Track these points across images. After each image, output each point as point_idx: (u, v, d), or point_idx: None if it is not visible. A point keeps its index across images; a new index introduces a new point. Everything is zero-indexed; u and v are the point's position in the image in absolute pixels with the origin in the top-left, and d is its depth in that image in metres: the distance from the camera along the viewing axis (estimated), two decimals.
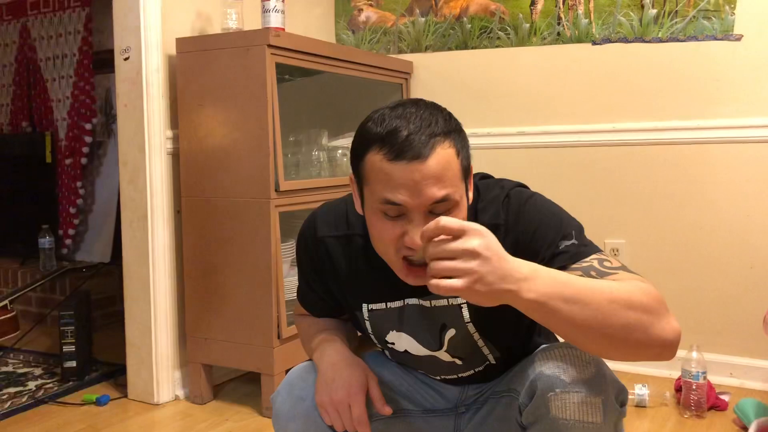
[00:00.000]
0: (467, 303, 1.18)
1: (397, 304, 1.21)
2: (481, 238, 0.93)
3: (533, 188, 1.24)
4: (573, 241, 1.10)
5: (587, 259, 1.08)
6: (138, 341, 2.28)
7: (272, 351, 2.11)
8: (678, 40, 2.36)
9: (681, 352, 2.24)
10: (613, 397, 1.09)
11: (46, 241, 3.36)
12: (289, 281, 2.22)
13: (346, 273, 1.13)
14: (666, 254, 2.43)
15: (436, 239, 0.95)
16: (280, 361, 2.14)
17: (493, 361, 1.27)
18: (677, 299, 2.41)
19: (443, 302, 1.19)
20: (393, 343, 1.27)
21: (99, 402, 2.25)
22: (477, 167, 2.69)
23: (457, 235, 0.93)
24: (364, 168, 1.07)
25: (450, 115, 1.09)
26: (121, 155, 2.27)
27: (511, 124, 2.66)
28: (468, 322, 1.19)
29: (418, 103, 1.08)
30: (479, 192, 1.18)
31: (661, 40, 2.39)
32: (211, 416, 2.15)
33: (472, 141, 2.68)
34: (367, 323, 1.26)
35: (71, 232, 3.51)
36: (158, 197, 2.24)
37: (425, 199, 1.02)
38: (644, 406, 2.14)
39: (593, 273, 1.04)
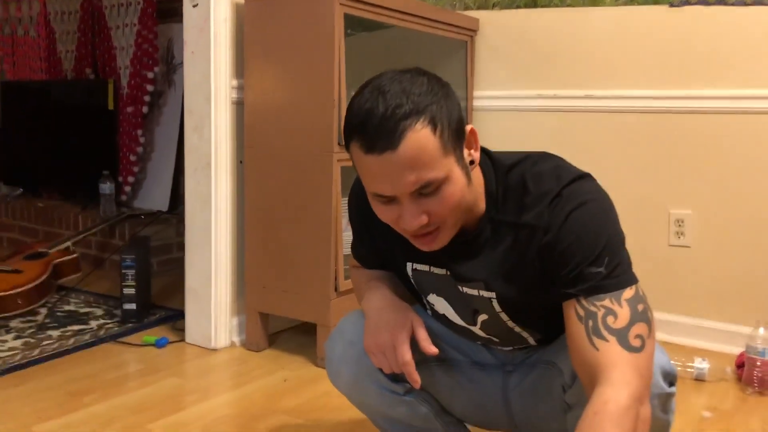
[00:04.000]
0: (497, 298, 1.16)
1: (440, 271, 1.20)
2: None
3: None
4: (600, 269, 1.02)
5: (598, 304, 1.02)
6: (197, 287, 2.32)
7: (329, 303, 2.13)
8: (763, 4, 2.25)
9: (746, 329, 2.19)
10: (660, 379, 1.08)
11: (106, 187, 3.43)
12: (347, 235, 2.22)
13: (392, 229, 1.11)
14: (734, 227, 2.35)
15: None
16: (337, 312, 2.15)
17: (534, 343, 1.26)
18: (743, 274, 2.34)
19: (474, 292, 1.18)
20: (434, 305, 1.28)
21: (158, 344, 2.31)
22: (542, 130, 2.65)
23: None
24: (351, 156, 1.04)
25: (429, 82, 1.02)
26: (187, 103, 2.28)
27: (578, 87, 2.59)
28: (499, 312, 1.18)
29: (397, 75, 1.02)
30: (532, 181, 1.09)
31: (745, 3, 2.28)
32: (267, 363, 2.19)
33: (536, 103, 2.66)
34: (412, 281, 1.26)
35: (131, 179, 3.57)
36: (222, 146, 2.25)
37: (405, 188, 0.99)
38: (703, 380, 2.10)
39: (590, 324, 1.01)
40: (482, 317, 1.22)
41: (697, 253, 2.42)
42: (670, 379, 1.11)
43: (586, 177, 1.10)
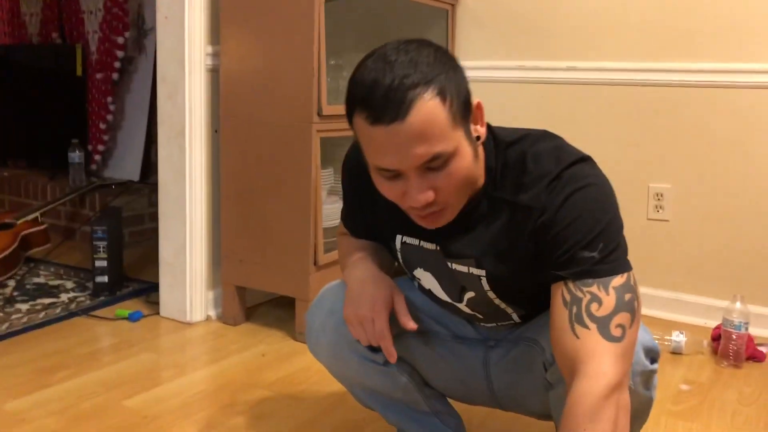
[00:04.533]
0: (486, 276, 1.13)
1: (430, 246, 1.18)
2: None
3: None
4: (593, 254, 1.00)
5: (585, 289, 1.00)
6: (172, 259, 2.26)
7: (308, 277, 2.09)
8: None
9: (723, 302, 2.21)
10: (642, 356, 1.08)
11: (75, 156, 3.34)
12: (328, 208, 2.18)
13: (384, 201, 1.08)
14: (713, 201, 2.36)
15: None
16: (316, 287, 2.12)
17: (518, 320, 1.25)
18: (721, 248, 2.35)
19: (464, 269, 1.15)
20: (420, 279, 1.26)
21: (131, 317, 2.26)
22: (523, 102, 2.62)
23: None
24: (354, 128, 1.01)
25: (437, 52, 0.98)
26: (160, 70, 2.20)
27: (560, 59, 2.55)
28: (488, 290, 1.16)
29: (403, 45, 0.98)
30: (532, 161, 1.06)
31: None
32: (244, 338, 2.15)
33: (518, 74, 2.63)
34: (399, 254, 1.24)
35: (101, 148, 3.47)
36: (197, 114, 2.18)
37: (413, 160, 0.95)
38: (680, 353, 2.12)
39: (574, 309, 0.99)
40: (469, 294, 1.20)
41: (675, 226, 2.43)
42: (653, 355, 1.12)
43: (587, 160, 1.06)
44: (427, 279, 1.24)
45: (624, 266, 1.02)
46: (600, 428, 0.92)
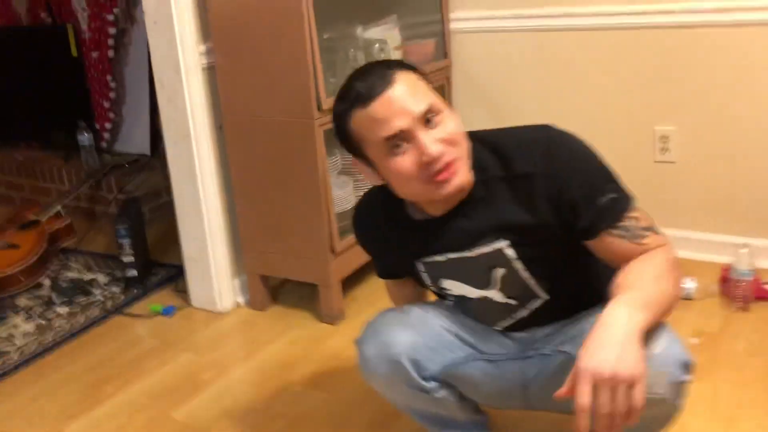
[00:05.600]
0: (511, 244, 1.24)
1: (443, 257, 1.30)
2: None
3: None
4: (612, 195, 1.17)
5: (623, 219, 1.17)
6: (195, 256, 2.35)
7: (327, 265, 2.18)
8: None
9: (731, 238, 2.30)
10: (675, 369, 1.13)
11: (85, 139, 3.38)
12: (338, 195, 2.23)
13: (396, 236, 1.30)
14: (718, 141, 2.36)
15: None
16: (336, 272, 2.21)
17: (546, 296, 1.32)
18: (727, 186, 2.38)
19: (487, 249, 1.26)
20: (449, 290, 1.35)
21: (165, 312, 2.38)
22: (523, 52, 2.60)
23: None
24: (355, 133, 1.18)
25: (411, 64, 1.20)
26: (157, 74, 2.21)
27: (555, 5, 2.50)
28: (514, 259, 1.26)
29: (376, 62, 1.23)
30: (506, 141, 1.23)
31: None
32: (274, 324, 2.27)
33: (514, 23, 2.60)
34: (425, 275, 1.35)
35: (108, 126, 3.50)
36: (199, 116, 2.21)
37: (412, 114, 1.12)
38: (691, 299, 2.20)
39: (628, 234, 1.17)
40: (500, 272, 1.28)
41: (682, 168, 2.45)
42: (687, 367, 1.15)
43: (550, 124, 1.22)
44: (454, 286, 1.34)
45: (630, 193, 1.20)
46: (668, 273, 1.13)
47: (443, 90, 2.72)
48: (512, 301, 1.33)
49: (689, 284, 2.20)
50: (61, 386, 2.01)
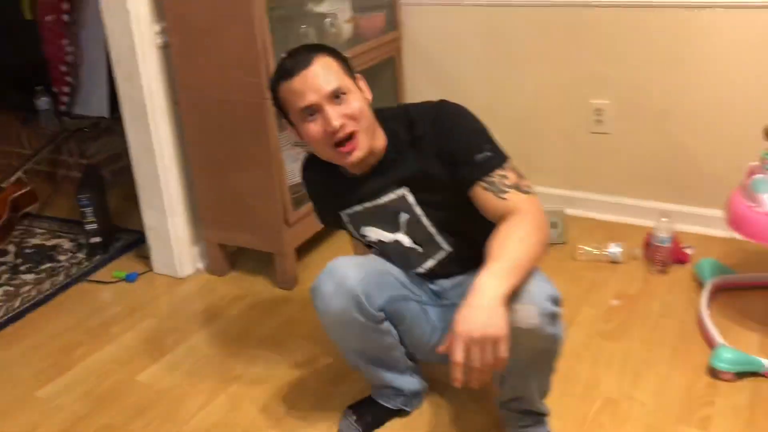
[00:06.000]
0: (411, 190, 1.52)
1: (361, 207, 1.58)
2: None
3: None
4: (487, 153, 1.43)
5: (493, 173, 1.42)
6: (156, 225, 2.47)
7: (281, 235, 2.32)
8: None
9: (658, 204, 2.51)
10: (544, 300, 1.33)
11: (43, 103, 3.42)
12: (291, 167, 2.35)
13: (328, 193, 1.62)
14: (648, 114, 2.53)
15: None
16: (290, 241, 2.35)
17: (450, 249, 1.56)
18: (654, 156, 2.56)
19: (393, 196, 1.54)
20: (368, 236, 1.61)
21: (129, 278, 2.51)
22: (470, 25, 2.71)
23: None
24: (282, 101, 1.46)
25: (335, 50, 1.46)
26: (114, 53, 2.28)
27: None
28: (414, 205, 1.53)
29: (304, 45, 1.48)
30: (412, 112, 1.51)
31: None
32: (233, 289, 2.41)
33: None
34: (349, 225, 1.65)
35: (66, 89, 3.53)
36: (156, 93, 2.30)
37: (322, 91, 1.39)
38: (617, 262, 2.40)
39: (493, 188, 1.41)
40: (404, 217, 1.54)
41: (615, 138, 2.62)
42: (555, 300, 1.37)
43: (446, 100, 1.51)
44: (372, 232, 1.60)
45: (505, 155, 1.45)
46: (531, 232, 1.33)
47: (393, 61, 2.83)
48: (418, 248, 1.58)
49: (616, 249, 2.41)
50: (31, 352, 2.14)
